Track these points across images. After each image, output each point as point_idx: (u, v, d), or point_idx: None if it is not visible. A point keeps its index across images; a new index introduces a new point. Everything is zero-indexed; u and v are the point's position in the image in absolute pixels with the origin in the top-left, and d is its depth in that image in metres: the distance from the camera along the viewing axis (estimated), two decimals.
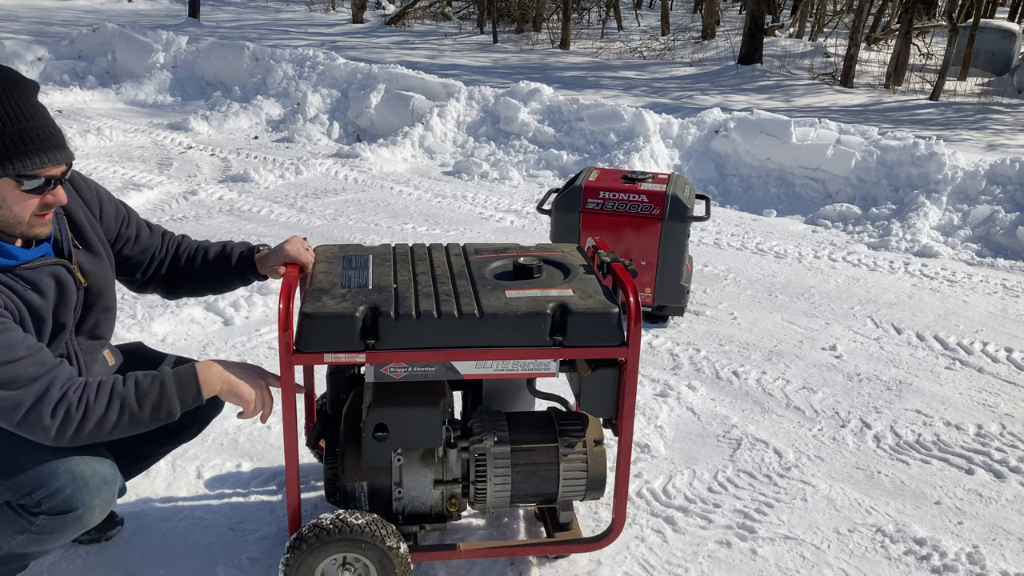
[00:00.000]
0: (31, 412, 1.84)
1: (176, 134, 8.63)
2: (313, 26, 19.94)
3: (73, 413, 1.88)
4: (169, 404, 1.99)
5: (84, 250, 2.15)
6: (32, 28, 15.41)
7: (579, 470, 2.38)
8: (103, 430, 1.92)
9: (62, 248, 2.09)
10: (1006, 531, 2.86)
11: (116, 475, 2.07)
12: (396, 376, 2.16)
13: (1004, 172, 6.47)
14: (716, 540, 2.72)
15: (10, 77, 1.87)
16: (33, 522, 1.99)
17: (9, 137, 1.82)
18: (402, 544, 2.23)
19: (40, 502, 1.96)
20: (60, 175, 1.94)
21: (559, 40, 18.15)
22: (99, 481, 2.01)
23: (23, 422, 1.85)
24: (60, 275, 2.04)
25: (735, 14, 24.94)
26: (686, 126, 7.87)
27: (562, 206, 4.34)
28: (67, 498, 1.96)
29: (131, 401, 1.94)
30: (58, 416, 1.86)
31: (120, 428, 1.94)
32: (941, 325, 4.58)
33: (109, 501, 2.06)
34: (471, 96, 8.85)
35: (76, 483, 1.97)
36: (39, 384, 1.85)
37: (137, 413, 1.95)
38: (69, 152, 1.96)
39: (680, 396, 3.67)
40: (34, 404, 1.84)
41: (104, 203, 2.26)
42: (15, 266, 1.95)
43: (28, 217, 1.92)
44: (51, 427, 1.86)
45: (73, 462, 1.98)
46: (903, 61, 13.99)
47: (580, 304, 2.16)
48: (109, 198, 2.30)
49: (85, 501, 1.98)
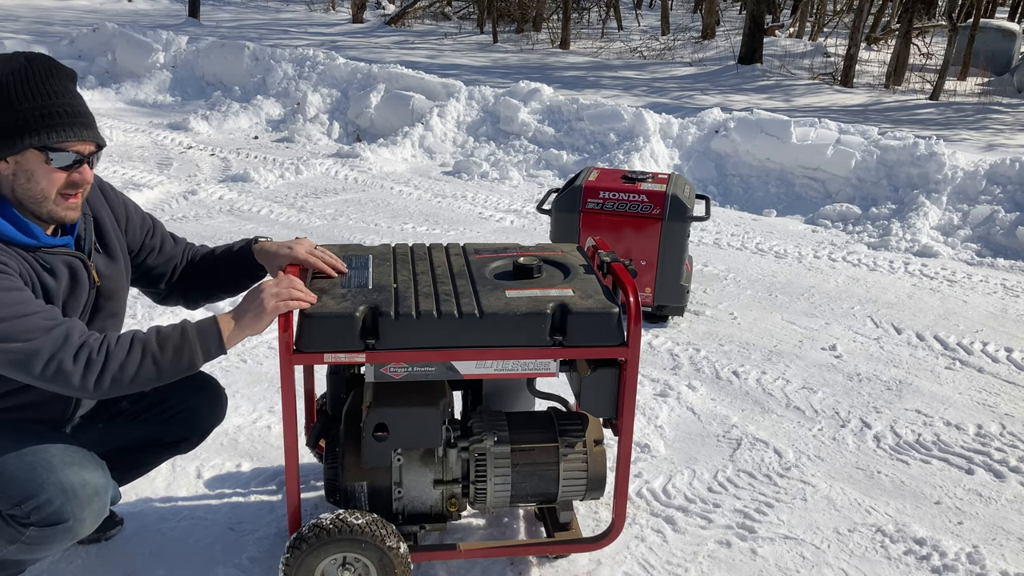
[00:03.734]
0: (52, 360, 1.83)
1: (176, 134, 8.63)
2: (313, 26, 19.94)
3: (94, 358, 1.86)
4: (191, 350, 1.97)
5: (103, 254, 2.16)
6: (32, 28, 15.40)
7: (579, 470, 2.38)
8: (125, 375, 1.89)
9: (83, 246, 2.10)
10: (1006, 531, 2.86)
11: (107, 484, 2.06)
12: (396, 376, 2.16)
13: (1004, 172, 6.47)
14: (716, 540, 2.72)
15: (48, 61, 1.94)
16: (23, 532, 1.98)
17: (39, 111, 1.87)
18: (402, 544, 2.23)
19: (29, 514, 1.95)
20: (88, 154, 1.97)
21: (559, 40, 18.15)
22: (89, 492, 1.99)
23: (45, 370, 1.84)
24: (76, 267, 2.05)
25: (735, 14, 24.94)
26: (686, 126, 7.87)
27: (562, 206, 4.34)
28: (56, 510, 1.95)
29: (152, 346, 1.93)
30: (80, 361, 1.85)
31: (142, 375, 1.92)
32: (941, 325, 4.58)
33: (100, 512, 2.04)
34: (471, 96, 8.84)
35: (65, 495, 1.95)
36: (56, 332, 1.85)
37: (159, 357, 1.93)
38: (98, 133, 1.99)
39: (680, 396, 3.67)
40: (55, 352, 1.83)
41: (131, 213, 2.29)
42: (36, 247, 1.97)
43: (54, 194, 1.94)
44: (74, 373, 1.85)
45: (62, 473, 1.97)
46: (903, 61, 13.99)
47: (580, 304, 2.16)
48: (136, 209, 2.33)
49: (75, 513, 1.97)
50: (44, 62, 1.92)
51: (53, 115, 1.89)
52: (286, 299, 2.05)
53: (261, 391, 3.56)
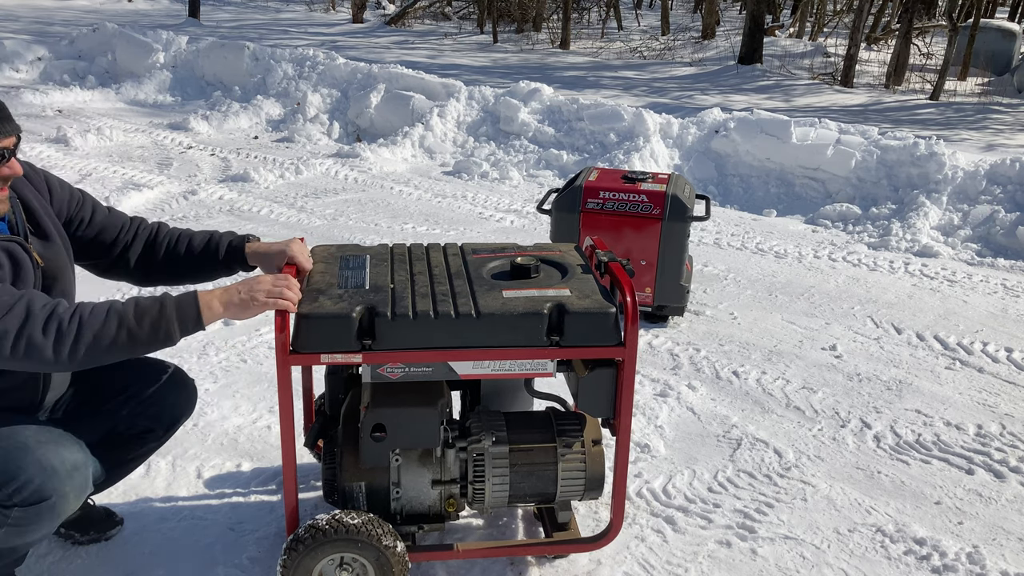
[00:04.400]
0: (21, 336, 1.81)
1: (176, 134, 8.63)
2: (313, 26, 19.94)
3: (65, 328, 1.85)
4: (168, 325, 1.95)
5: (37, 235, 2.14)
6: (32, 28, 15.41)
7: (577, 470, 2.38)
8: (100, 345, 1.88)
9: (17, 230, 2.09)
10: (1006, 531, 2.85)
11: (86, 459, 2.05)
12: (393, 376, 2.16)
13: (1004, 172, 6.47)
14: (716, 540, 2.72)
15: None
16: (8, 515, 1.97)
17: None
18: (399, 543, 2.23)
19: (11, 495, 1.95)
20: (12, 147, 1.98)
21: (559, 40, 18.14)
22: (68, 467, 1.99)
23: (15, 349, 1.82)
24: (15, 251, 2.03)
25: (735, 14, 24.93)
26: (686, 126, 7.87)
27: (562, 206, 4.34)
28: (37, 488, 1.95)
29: (129, 318, 1.91)
30: (50, 333, 1.83)
31: (119, 346, 1.90)
32: (941, 325, 4.58)
33: (83, 486, 2.04)
34: (471, 96, 8.84)
35: (45, 472, 1.95)
36: (18, 307, 1.84)
37: (135, 329, 1.91)
38: (16, 125, 2.00)
39: (680, 396, 3.66)
40: (21, 327, 1.82)
41: (53, 187, 2.26)
42: None
43: None
44: (45, 345, 1.83)
45: (40, 452, 1.97)
46: (903, 61, 13.98)
47: (577, 304, 2.16)
48: (61, 183, 2.30)
49: (57, 489, 1.97)
50: None
51: None
52: (277, 297, 2.05)
53: (261, 391, 3.56)
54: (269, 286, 2.06)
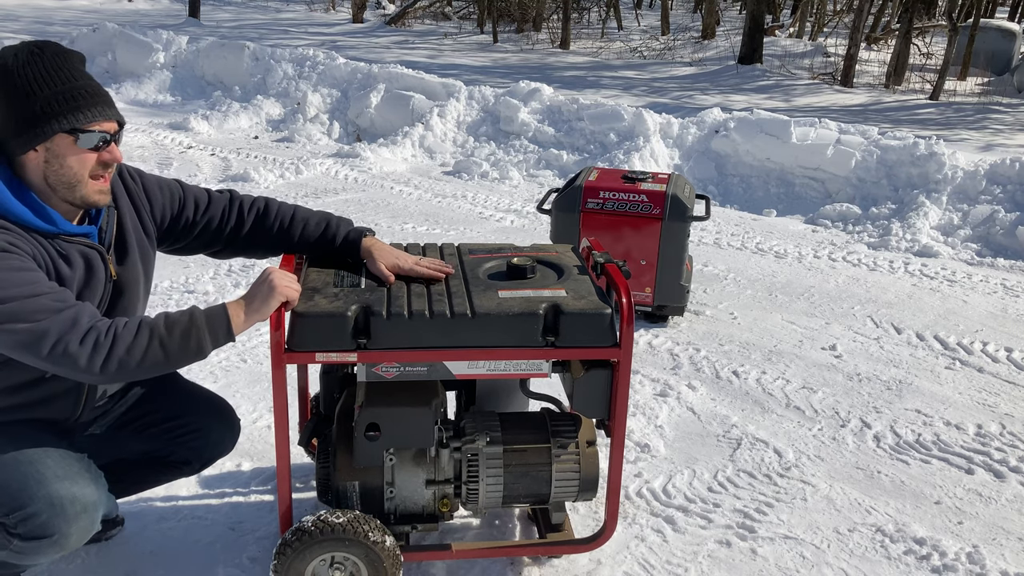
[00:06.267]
0: (60, 342, 1.81)
1: (176, 134, 8.63)
2: (313, 26, 19.95)
3: (102, 340, 1.85)
4: (199, 335, 1.95)
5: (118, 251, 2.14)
6: (32, 28, 15.42)
7: (572, 471, 2.37)
8: (132, 359, 1.87)
9: (104, 239, 2.09)
10: (1006, 531, 2.84)
11: (97, 501, 2.03)
12: (388, 376, 2.15)
13: (1004, 172, 6.45)
14: (716, 540, 2.71)
15: (58, 47, 1.96)
16: (11, 542, 1.97)
17: (62, 95, 1.89)
18: (387, 537, 2.21)
19: (16, 524, 1.94)
20: (114, 133, 1.98)
21: (559, 40, 18.13)
22: (78, 509, 1.97)
23: (52, 352, 1.82)
24: (91, 258, 2.03)
25: (735, 14, 24.91)
26: (686, 126, 7.86)
27: (562, 206, 4.33)
28: (42, 524, 1.93)
29: (160, 330, 1.91)
30: (87, 344, 1.83)
31: (150, 359, 1.90)
32: (941, 325, 4.57)
33: (87, 528, 2.02)
34: (471, 96, 8.83)
35: (53, 509, 1.93)
36: (66, 315, 1.84)
37: (167, 341, 1.91)
38: (118, 112, 2.02)
39: (680, 396, 3.65)
40: (63, 334, 1.82)
41: (152, 193, 2.26)
42: (55, 234, 1.96)
43: (86, 177, 1.94)
44: (80, 355, 1.83)
45: (54, 487, 1.95)
46: (903, 61, 13.97)
47: (573, 305, 2.15)
48: (159, 185, 2.29)
49: (60, 528, 1.95)
50: (54, 48, 1.94)
51: (76, 97, 1.90)
52: (286, 286, 2.07)
53: (261, 391, 3.55)
54: (277, 278, 2.07)
